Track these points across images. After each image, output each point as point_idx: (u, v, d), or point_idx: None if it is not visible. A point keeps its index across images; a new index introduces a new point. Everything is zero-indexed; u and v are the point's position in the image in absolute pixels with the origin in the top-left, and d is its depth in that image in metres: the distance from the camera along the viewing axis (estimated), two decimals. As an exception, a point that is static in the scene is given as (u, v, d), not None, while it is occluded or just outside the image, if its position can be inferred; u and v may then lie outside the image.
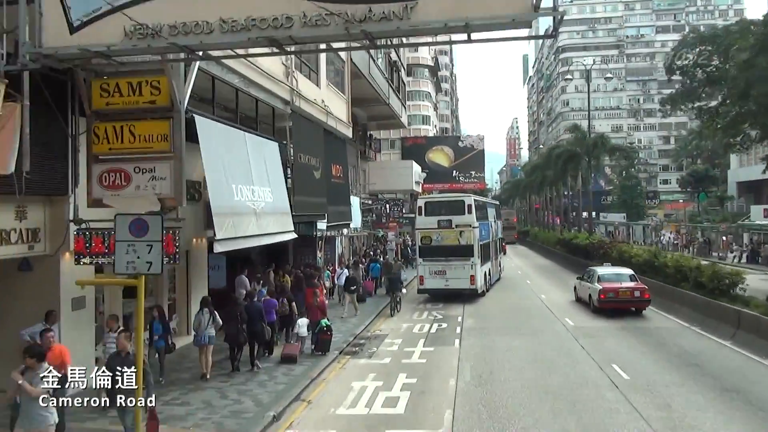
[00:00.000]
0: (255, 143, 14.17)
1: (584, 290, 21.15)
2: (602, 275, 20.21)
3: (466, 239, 22.31)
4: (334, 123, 21.34)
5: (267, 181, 14.43)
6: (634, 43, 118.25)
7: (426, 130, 70.29)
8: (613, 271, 20.82)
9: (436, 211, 23.05)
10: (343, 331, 17.31)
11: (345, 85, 23.42)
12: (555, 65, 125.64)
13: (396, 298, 20.69)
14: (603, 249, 29.83)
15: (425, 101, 71.18)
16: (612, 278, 19.90)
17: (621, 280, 19.75)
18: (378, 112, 37.23)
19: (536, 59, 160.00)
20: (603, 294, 19.15)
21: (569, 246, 37.49)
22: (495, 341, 15.82)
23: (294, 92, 16.03)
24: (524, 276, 33.69)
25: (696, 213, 67.16)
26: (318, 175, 18.34)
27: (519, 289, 27.77)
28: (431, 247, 22.73)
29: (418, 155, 58.35)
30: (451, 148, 64.04)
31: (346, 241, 31.92)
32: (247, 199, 12.97)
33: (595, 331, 16.90)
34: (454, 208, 22.94)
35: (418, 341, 15.98)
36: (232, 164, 12.57)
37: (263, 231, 13.34)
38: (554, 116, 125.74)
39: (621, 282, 19.58)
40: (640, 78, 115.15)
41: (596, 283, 19.84)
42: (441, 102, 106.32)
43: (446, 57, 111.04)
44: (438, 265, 22.56)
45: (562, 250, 40.58)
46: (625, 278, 19.82)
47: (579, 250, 33.46)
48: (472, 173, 63.83)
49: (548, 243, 48.45)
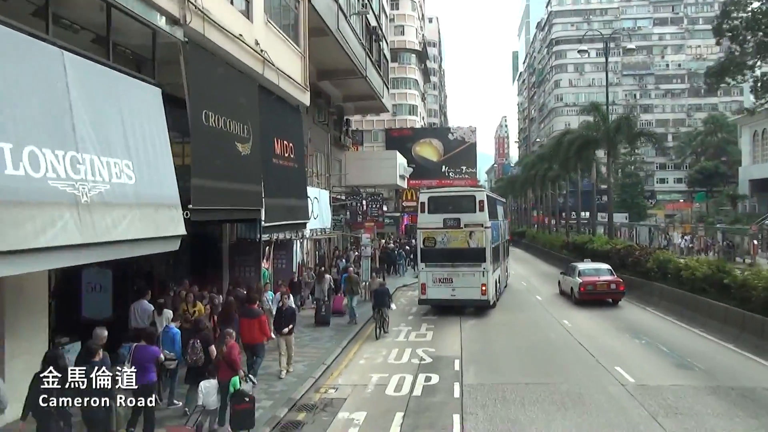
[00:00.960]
0: (93, 77, 7.80)
1: (567, 284, 23.30)
2: (582, 270, 22.42)
3: (476, 241, 19.40)
4: (281, 82, 15.01)
5: (124, 148, 8.07)
6: (631, 36, 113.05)
7: (413, 121, 64.12)
8: (592, 267, 22.88)
9: (442, 207, 20.15)
10: (277, 392, 11.02)
11: (300, 35, 17.11)
12: (548, 59, 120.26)
13: (383, 317, 16.64)
14: (633, 257, 23.76)
15: (412, 89, 64.96)
16: (591, 273, 22.12)
17: (600, 274, 21.98)
18: (354, 89, 30.95)
19: (527, 54, 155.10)
20: (582, 287, 21.33)
21: (582, 251, 31.60)
22: (519, 418, 9.59)
23: (189, 5, 9.67)
24: (532, 289, 27.52)
25: (705, 214, 61.71)
26: (244, 150, 11.99)
27: (529, 308, 21.62)
28: (436, 250, 19.74)
29: (403, 148, 52.23)
30: (440, 141, 58.14)
31: (310, 246, 25.52)
32: (58, 176, 6.63)
33: (675, 397, 10.71)
34: (463, 205, 19.99)
35: (393, 418, 9.72)
36: (16, 104, 6.26)
37: (95, 237, 7.00)
38: (546, 112, 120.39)
39: (600, 276, 21.80)
40: (636, 72, 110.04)
41: (577, 278, 21.95)
42: (429, 96, 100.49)
43: (435, 49, 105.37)
44: (443, 271, 19.61)
45: (571, 255, 34.66)
46: (604, 272, 22.05)
47: (596, 257, 27.63)
48: (463, 168, 58.05)
49: (551, 246, 42.41)
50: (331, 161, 32.86)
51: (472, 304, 19.64)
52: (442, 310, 20.12)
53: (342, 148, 36.51)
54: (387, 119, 63.60)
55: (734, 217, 56.16)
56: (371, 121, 63.61)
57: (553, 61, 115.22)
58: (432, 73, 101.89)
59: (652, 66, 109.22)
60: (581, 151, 31.67)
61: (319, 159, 29.47)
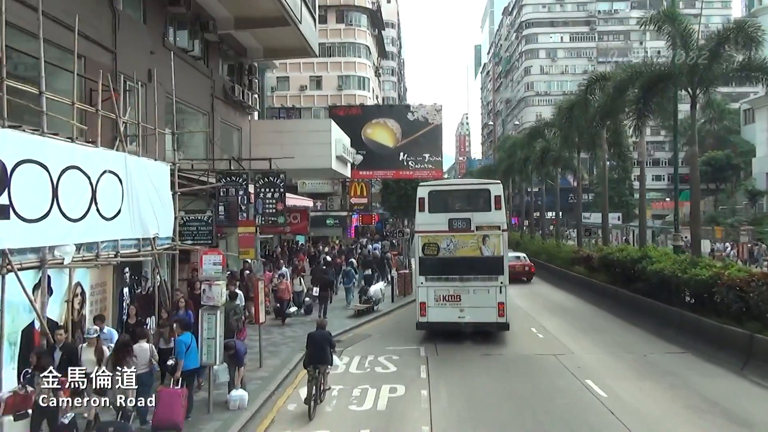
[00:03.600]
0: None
1: None
2: None
3: (492, 248, 15.79)
4: None
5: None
6: (607, 19, 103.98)
7: (363, 98, 51.50)
8: (512, 255, 27.18)
9: (447, 205, 16.63)
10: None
11: None
12: (516, 44, 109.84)
13: (319, 379, 10.56)
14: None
15: (363, 58, 52.30)
16: (512, 259, 25.97)
17: (518, 260, 29.13)
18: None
19: (492, 44, 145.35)
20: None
21: (614, 270, 19.86)
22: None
23: None
24: (549, 340, 16.06)
25: (716, 214, 51.39)
26: None
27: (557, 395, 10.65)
28: (439, 259, 15.97)
29: (352, 131, 40.00)
30: (396, 122, 46.20)
31: (98, 279, 12.65)
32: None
33: None
34: (473, 201, 16.44)
35: None
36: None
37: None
38: (515, 103, 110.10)
39: (518, 261, 29.05)
40: (613, 60, 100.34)
41: None
42: (387, 83, 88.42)
43: (393, 31, 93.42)
44: (449, 286, 15.89)
45: (591, 275, 22.79)
46: (521, 259, 29.63)
47: (655, 288, 15.87)
48: (426, 156, 46.33)
49: (555, 260, 30.39)
50: (214, 124, 20.05)
51: (486, 328, 16.11)
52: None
53: (243, 112, 23.68)
54: (330, 94, 50.86)
55: (752, 217, 46.27)
56: (311, 96, 50.78)
57: (523, 45, 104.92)
58: (390, 57, 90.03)
59: (630, 52, 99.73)
60: (648, 95, 18.70)
61: (185, 118, 16.73)
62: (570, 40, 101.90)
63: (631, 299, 18.56)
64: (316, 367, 10.44)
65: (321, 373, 10.58)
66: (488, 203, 16.08)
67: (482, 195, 16.39)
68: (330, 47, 50.53)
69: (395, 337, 16.46)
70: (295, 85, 50.75)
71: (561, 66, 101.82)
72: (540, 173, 36.69)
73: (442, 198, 16.83)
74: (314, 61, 51.08)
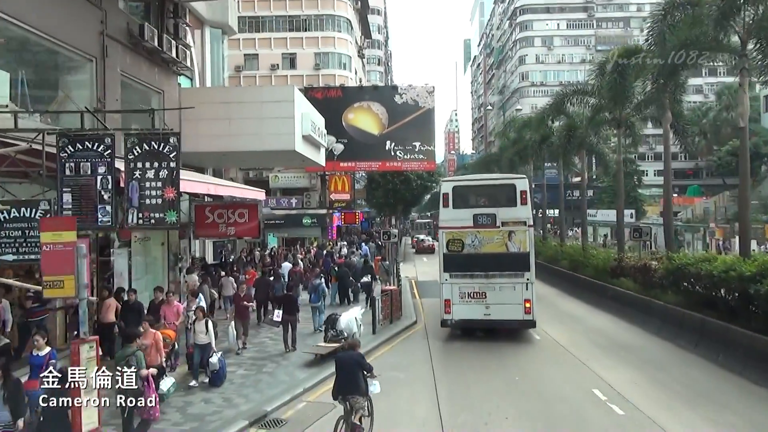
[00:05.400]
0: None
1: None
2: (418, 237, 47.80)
3: (518, 244, 15.89)
4: None
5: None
6: (606, 5, 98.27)
7: (344, 78, 44.80)
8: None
9: (472, 200, 16.96)
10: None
11: None
12: (510, 32, 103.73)
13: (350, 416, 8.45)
14: None
15: (343, 33, 45.57)
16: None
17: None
18: None
19: (482, 35, 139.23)
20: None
21: (693, 289, 13.62)
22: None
23: None
24: (634, 421, 9.28)
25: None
26: None
27: None
28: (464, 256, 16.10)
29: (332, 117, 33.69)
30: (382, 106, 39.86)
31: None
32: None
33: None
34: (498, 196, 16.59)
35: None
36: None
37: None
38: (509, 94, 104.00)
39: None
40: (612, 47, 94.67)
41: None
42: (373, 72, 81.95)
43: (379, 18, 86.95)
44: (474, 283, 16.00)
45: (667, 299, 16.32)
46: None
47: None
48: (416, 145, 39.91)
49: (583, 269, 23.74)
50: (107, 76, 13.36)
51: (512, 325, 15.92)
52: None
53: (166, 69, 17.05)
54: (306, 74, 44.15)
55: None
56: (283, 76, 44.03)
57: (517, 33, 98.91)
58: (377, 46, 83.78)
59: (630, 40, 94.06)
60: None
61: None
62: (567, 27, 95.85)
63: (739, 337, 12.16)
64: (346, 398, 8.48)
65: (353, 409, 8.43)
66: (514, 198, 16.13)
67: (507, 190, 16.47)
68: (306, 20, 43.90)
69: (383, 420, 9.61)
70: (265, 64, 44.02)
71: (557, 55, 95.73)
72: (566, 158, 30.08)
73: (467, 193, 17.08)
74: (287, 36, 44.40)
